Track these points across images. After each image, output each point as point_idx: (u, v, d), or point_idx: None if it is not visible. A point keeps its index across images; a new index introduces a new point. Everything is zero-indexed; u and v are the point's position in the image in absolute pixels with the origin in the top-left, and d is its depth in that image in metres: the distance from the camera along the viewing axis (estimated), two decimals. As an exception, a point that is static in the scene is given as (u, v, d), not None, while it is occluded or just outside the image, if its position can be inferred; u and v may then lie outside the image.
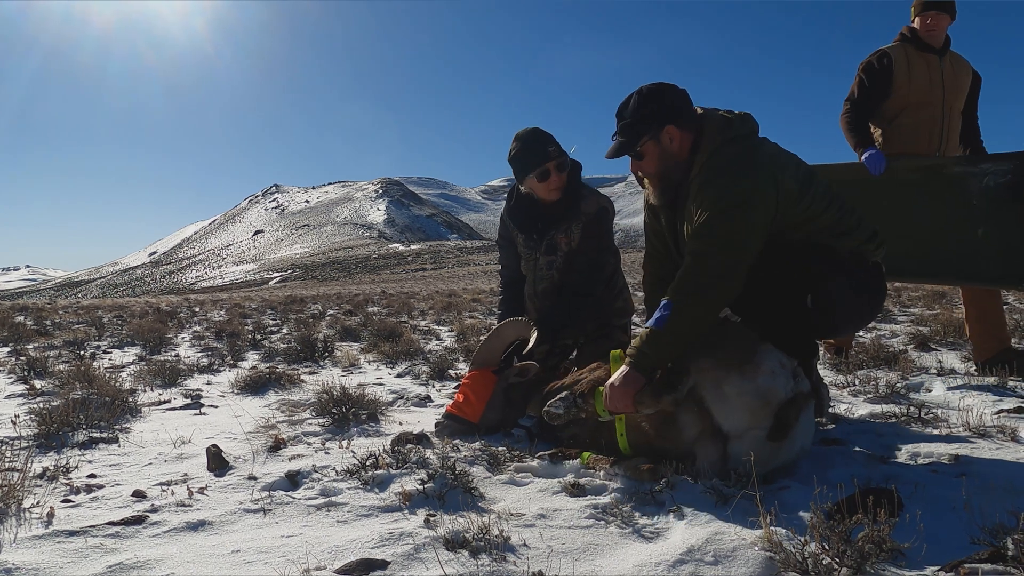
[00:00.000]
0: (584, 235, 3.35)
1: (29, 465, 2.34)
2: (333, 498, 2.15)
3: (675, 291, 2.35)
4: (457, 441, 2.83)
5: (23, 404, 3.92)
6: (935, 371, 4.10)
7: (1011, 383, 3.54)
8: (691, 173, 2.53)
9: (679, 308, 2.31)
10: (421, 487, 2.16)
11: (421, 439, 2.84)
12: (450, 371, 4.99)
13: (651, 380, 2.32)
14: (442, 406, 3.69)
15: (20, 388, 4.48)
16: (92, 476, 2.47)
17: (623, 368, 2.37)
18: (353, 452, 2.63)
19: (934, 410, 3.05)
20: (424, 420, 3.38)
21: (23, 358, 5.62)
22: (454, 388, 4.36)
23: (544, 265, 3.49)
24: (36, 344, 7.61)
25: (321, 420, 3.34)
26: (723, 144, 2.48)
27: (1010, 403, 3.15)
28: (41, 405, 3.35)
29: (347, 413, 3.32)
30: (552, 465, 2.45)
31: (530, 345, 3.20)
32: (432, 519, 1.93)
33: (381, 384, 4.63)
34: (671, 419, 2.31)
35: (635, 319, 4.55)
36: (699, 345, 2.33)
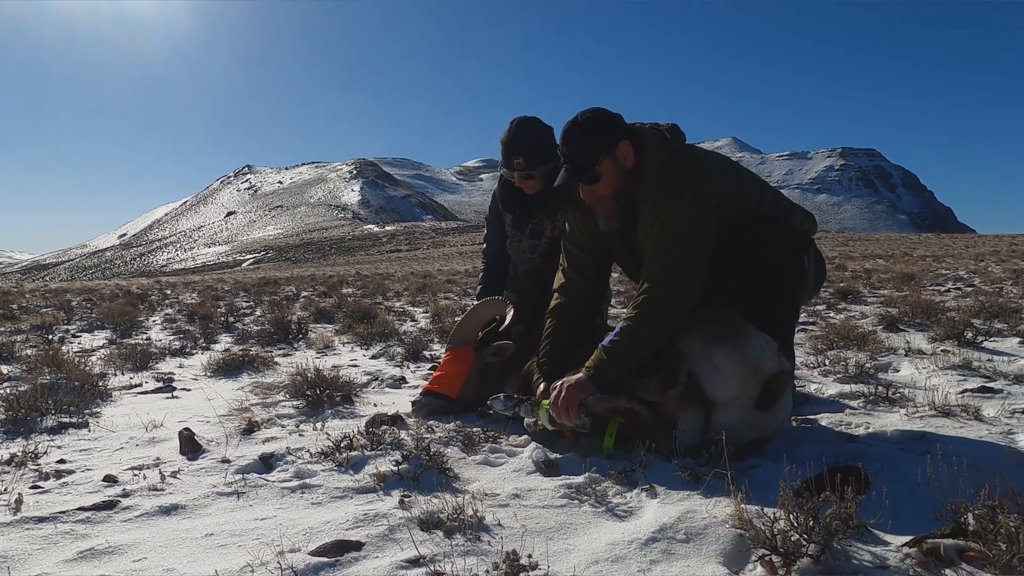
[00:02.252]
0: None
1: (-4, 451, 2.30)
2: (307, 480, 2.15)
3: (636, 309, 2.37)
4: (432, 422, 2.83)
5: (-11, 389, 3.85)
6: (903, 351, 4.19)
7: (975, 364, 3.63)
8: (641, 189, 2.52)
9: (639, 326, 2.34)
10: (396, 468, 2.16)
11: (396, 420, 2.84)
12: (425, 352, 4.99)
13: (602, 389, 2.36)
14: (417, 387, 3.70)
15: (-14, 373, 4.39)
16: (62, 461, 2.43)
17: (578, 375, 2.40)
18: (327, 434, 2.62)
19: (901, 389, 3.12)
20: (399, 401, 3.38)
21: (-12, 343, 5.50)
22: (429, 369, 4.36)
23: (527, 248, 3.50)
24: (2, 329, 7.45)
25: (295, 402, 3.33)
26: (669, 159, 2.49)
27: (974, 383, 3.24)
28: (8, 390, 3.28)
29: (321, 395, 3.31)
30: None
31: (507, 323, 3.21)
32: (407, 500, 1.93)
33: (356, 366, 4.62)
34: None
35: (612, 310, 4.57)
36: (688, 325, 2.37)
